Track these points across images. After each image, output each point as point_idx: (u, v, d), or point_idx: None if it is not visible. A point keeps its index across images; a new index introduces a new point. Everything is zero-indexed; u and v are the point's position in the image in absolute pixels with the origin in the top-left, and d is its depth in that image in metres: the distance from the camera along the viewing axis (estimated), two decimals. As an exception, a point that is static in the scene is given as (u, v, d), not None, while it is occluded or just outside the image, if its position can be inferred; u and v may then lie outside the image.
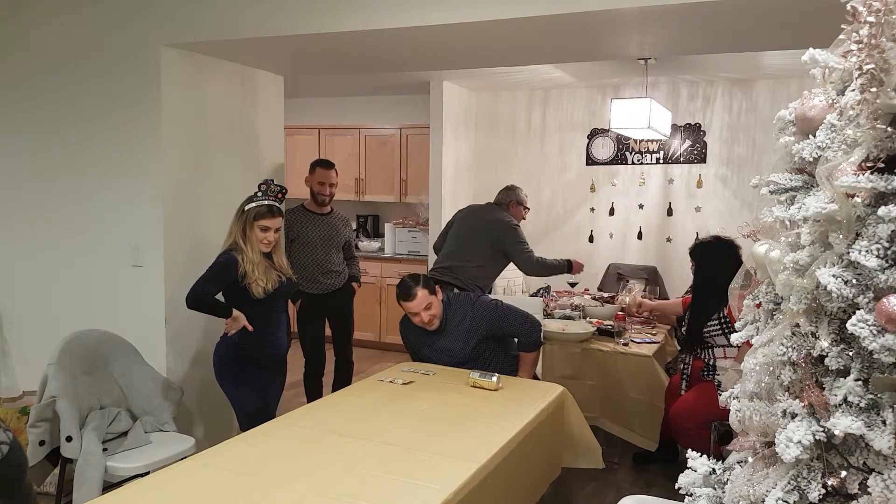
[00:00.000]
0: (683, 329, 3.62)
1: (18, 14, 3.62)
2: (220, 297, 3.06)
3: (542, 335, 3.34)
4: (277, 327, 3.17)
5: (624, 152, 5.89)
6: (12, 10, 3.63)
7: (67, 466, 2.76)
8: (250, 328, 3.02)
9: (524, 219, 4.62)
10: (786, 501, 1.26)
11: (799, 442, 1.21)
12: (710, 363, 3.44)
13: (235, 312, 3.00)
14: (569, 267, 4.46)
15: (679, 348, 3.80)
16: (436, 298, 3.16)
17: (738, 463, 1.54)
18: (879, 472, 1.18)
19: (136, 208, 3.45)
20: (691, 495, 1.60)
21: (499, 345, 3.34)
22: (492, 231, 4.30)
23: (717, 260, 3.40)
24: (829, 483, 1.23)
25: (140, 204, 3.44)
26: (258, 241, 3.03)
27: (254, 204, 3.06)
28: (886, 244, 1.17)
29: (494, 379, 2.87)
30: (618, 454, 3.85)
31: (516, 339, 3.34)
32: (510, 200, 4.51)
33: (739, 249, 3.40)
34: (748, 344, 1.51)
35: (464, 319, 3.23)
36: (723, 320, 3.35)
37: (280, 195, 3.14)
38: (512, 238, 4.26)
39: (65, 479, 2.76)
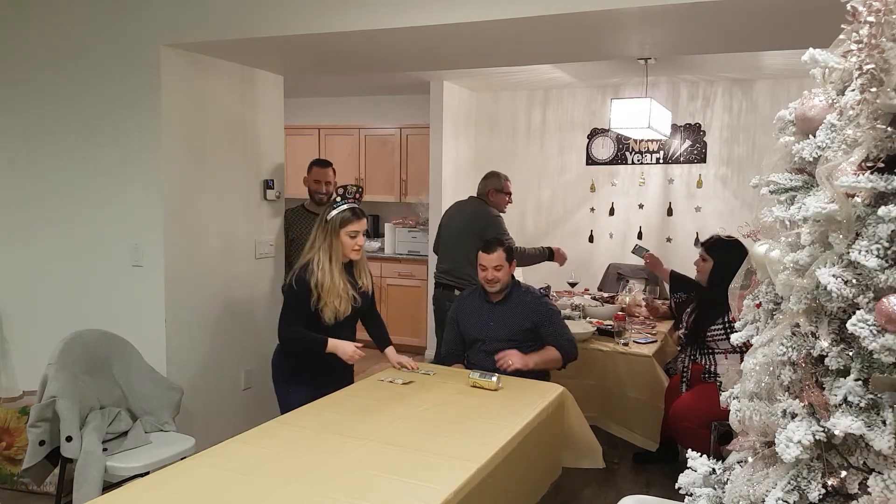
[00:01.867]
0: (680, 332, 3.62)
1: (18, 14, 3.62)
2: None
3: (568, 360, 3.33)
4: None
5: (624, 152, 5.89)
6: (12, 11, 3.63)
7: (67, 466, 2.76)
8: (360, 353, 2.93)
9: (510, 202, 4.57)
10: (786, 501, 1.25)
11: (799, 442, 1.21)
12: (711, 369, 3.43)
13: (331, 343, 2.88)
14: (550, 255, 4.46)
15: (679, 348, 3.80)
16: (507, 267, 3.33)
17: (738, 463, 1.54)
18: (879, 472, 1.18)
19: (136, 208, 3.45)
20: (691, 495, 1.59)
21: (539, 346, 3.34)
22: (474, 225, 4.29)
23: (734, 261, 3.36)
24: (829, 483, 1.23)
25: (140, 204, 3.44)
26: (349, 248, 2.91)
27: (335, 211, 2.92)
28: (886, 244, 1.17)
29: (494, 379, 2.87)
30: (618, 454, 3.85)
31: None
32: (489, 190, 4.44)
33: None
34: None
35: (527, 302, 3.34)
36: (727, 325, 3.33)
37: (358, 195, 3.01)
38: (492, 230, 4.21)
39: (65, 479, 2.76)
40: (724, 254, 3.39)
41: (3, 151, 3.75)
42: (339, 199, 2.96)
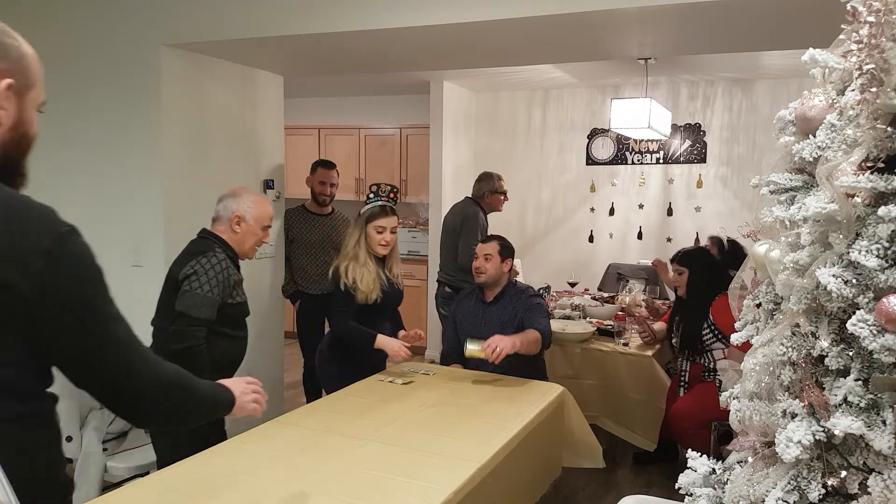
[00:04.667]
0: (674, 340, 3.63)
1: (18, 15, 3.62)
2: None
3: (544, 345, 3.20)
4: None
5: (624, 152, 5.89)
6: (11, 11, 3.63)
7: (67, 466, 2.76)
8: (407, 353, 3.00)
9: (506, 200, 4.68)
10: (786, 501, 1.25)
11: (799, 442, 1.21)
12: (710, 366, 3.44)
13: (379, 339, 2.97)
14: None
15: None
16: (499, 261, 3.30)
17: (738, 463, 1.54)
18: (879, 472, 1.18)
19: (136, 208, 3.45)
20: (691, 495, 1.59)
21: None
22: (458, 226, 4.46)
23: (703, 267, 3.50)
24: (829, 483, 1.23)
25: (140, 204, 3.44)
26: (375, 243, 3.01)
27: (367, 207, 3.05)
28: (886, 244, 1.17)
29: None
30: (618, 454, 3.85)
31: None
32: (484, 192, 4.56)
33: (716, 255, 3.51)
34: (745, 346, 1.51)
35: (517, 300, 3.31)
36: (712, 327, 3.39)
37: (392, 195, 3.12)
38: (466, 230, 4.39)
39: (65, 479, 2.76)
40: (695, 263, 3.54)
41: (3, 151, 3.75)
42: (371, 195, 3.08)
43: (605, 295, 4.88)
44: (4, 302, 1.01)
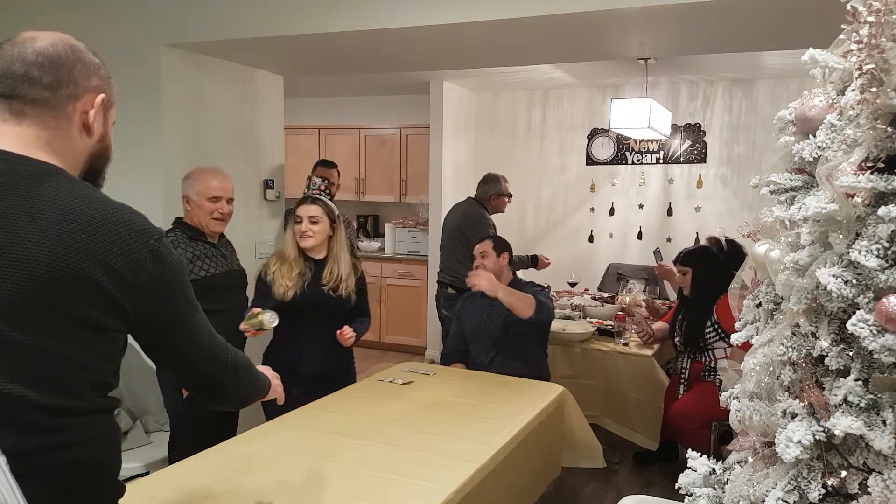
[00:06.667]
0: (676, 339, 3.63)
1: (17, 14, 3.62)
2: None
3: (537, 312, 3.11)
4: (296, 340, 2.86)
5: (624, 152, 5.89)
6: (11, 11, 3.63)
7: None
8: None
9: (510, 201, 4.68)
10: (786, 501, 1.25)
11: (799, 442, 1.21)
12: (711, 365, 3.45)
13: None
14: (533, 262, 4.58)
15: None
16: (495, 256, 3.34)
17: (738, 463, 1.54)
18: (879, 472, 1.18)
19: (136, 208, 3.45)
20: (691, 495, 1.59)
21: (537, 340, 3.34)
22: (463, 224, 4.43)
23: (706, 268, 3.51)
24: (829, 483, 1.23)
25: (140, 204, 3.39)
26: (297, 234, 2.92)
27: None
28: (886, 244, 1.17)
29: (267, 316, 2.48)
30: (618, 454, 3.85)
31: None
32: (491, 195, 4.54)
33: (721, 255, 3.52)
34: (745, 346, 1.51)
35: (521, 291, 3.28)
36: (715, 325, 3.40)
37: (323, 187, 3.03)
38: (474, 230, 4.33)
39: (65, 479, 2.76)
40: (698, 262, 3.57)
41: (3, 151, 3.75)
42: (306, 190, 3.06)
43: (605, 295, 4.88)
44: (115, 295, 1.11)
